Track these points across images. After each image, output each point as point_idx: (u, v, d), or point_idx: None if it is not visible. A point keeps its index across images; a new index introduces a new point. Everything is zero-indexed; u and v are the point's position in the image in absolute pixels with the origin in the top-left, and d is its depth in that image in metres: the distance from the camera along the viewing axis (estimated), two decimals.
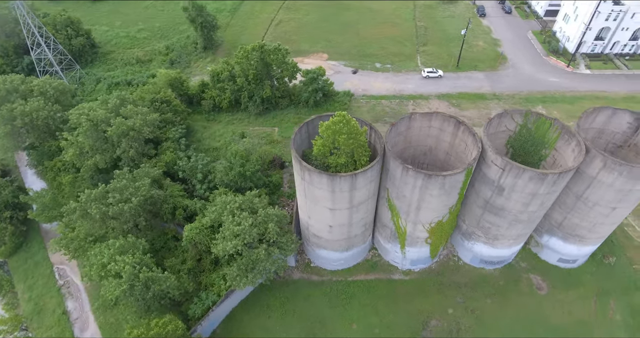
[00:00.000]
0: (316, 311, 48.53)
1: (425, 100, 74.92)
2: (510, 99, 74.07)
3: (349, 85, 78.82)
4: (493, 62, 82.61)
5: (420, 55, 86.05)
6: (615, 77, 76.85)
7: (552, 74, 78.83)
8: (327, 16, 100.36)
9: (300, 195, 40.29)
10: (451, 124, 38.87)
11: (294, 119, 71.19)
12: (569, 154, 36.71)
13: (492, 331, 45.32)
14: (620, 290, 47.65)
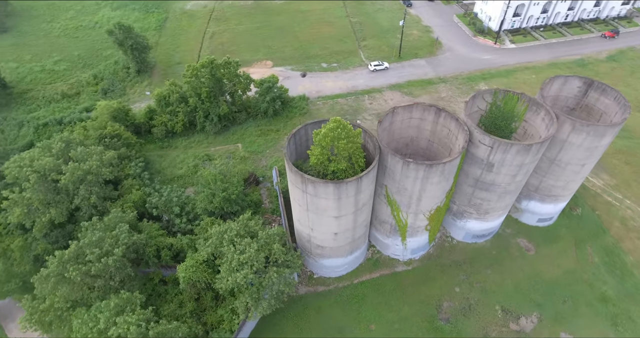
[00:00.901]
0: (331, 321, 47.48)
1: (379, 92, 76.87)
2: (454, 80, 78.71)
3: (301, 89, 78.29)
4: (430, 48, 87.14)
5: (363, 50, 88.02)
6: (536, 48, 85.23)
7: (484, 52, 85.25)
8: (259, 23, 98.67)
9: (301, 208, 38.93)
10: (431, 113, 40.07)
11: (256, 132, 69.04)
12: (539, 123, 39.76)
13: (499, 297, 47.78)
14: (591, 235, 52.93)
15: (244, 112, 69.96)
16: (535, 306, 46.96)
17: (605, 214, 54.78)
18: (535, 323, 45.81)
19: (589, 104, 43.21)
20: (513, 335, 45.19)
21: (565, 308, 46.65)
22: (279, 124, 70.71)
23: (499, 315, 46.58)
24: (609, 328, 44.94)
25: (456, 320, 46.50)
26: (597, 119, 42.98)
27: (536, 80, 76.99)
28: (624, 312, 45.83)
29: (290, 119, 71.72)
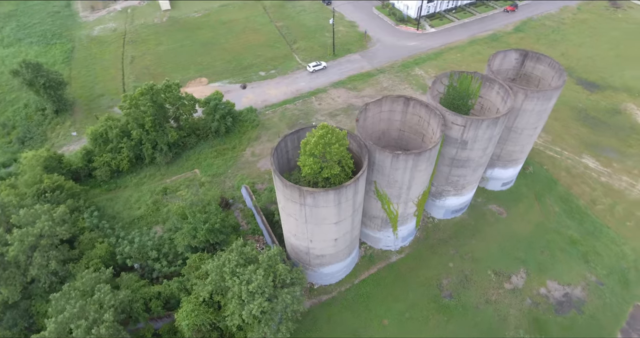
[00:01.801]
0: (344, 326, 46.81)
1: (324, 92, 77.34)
2: (391, 69, 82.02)
3: (246, 101, 75.97)
4: (361, 42, 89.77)
5: (296, 53, 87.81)
6: (454, 29, 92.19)
7: (409, 39, 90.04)
8: (181, 40, 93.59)
9: (298, 222, 37.57)
10: (400, 103, 41.15)
11: (212, 154, 65.50)
12: (494, 96, 42.96)
13: (488, 263, 50.88)
14: (546, 188, 58.77)
15: (193, 136, 65.88)
16: (521, 262, 50.88)
17: (552, 167, 61.17)
18: (525, 278, 49.65)
19: (526, 73, 47.77)
20: (509, 294, 48.48)
21: (545, 258, 51.22)
22: (233, 140, 67.89)
23: (493, 279, 49.66)
24: (582, 266, 50.29)
25: (458, 294, 48.60)
26: (536, 85, 47.70)
27: (462, 58, 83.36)
28: (590, 249, 51.61)
29: (243, 134, 69.20)
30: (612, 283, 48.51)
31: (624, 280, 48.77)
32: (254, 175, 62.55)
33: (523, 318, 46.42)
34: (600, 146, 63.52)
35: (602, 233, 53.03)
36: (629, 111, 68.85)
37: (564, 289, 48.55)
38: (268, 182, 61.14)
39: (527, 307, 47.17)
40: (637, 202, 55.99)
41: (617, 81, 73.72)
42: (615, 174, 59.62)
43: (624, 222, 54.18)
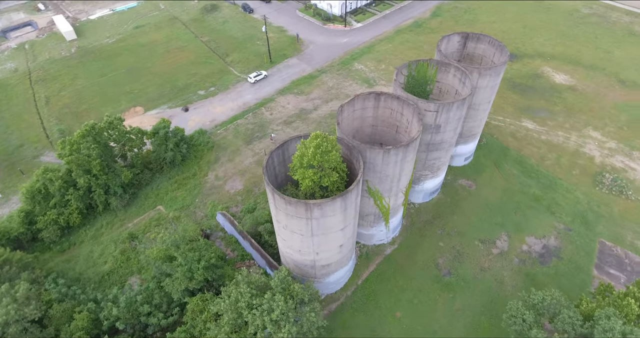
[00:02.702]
0: (361, 329, 46.46)
1: (272, 101, 75.85)
2: (331, 68, 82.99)
3: (192, 124, 71.71)
4: (294, 45, 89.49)
5: (232, 66, 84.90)
6: (378, 21, 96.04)
7: (340, 37, 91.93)
8: (101, 70, 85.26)
9: (303, 238, 36.23)
10: (371, 100, 41.65)
11: (172, 186, 60.84)
12: (451, 79, 45.50)
13: (473, 234, 53.87)
14: (502, 155, 63.85)
15: (146, 171, 60.45)
16: (500, 227, 54.74)
17: (500, 135, 66.69)
18: (507, 241, 53.54)
19: (469, 53, 51.36)
20: (498, 258, 51.92)
21: (518, 218, 55.67)
22: (192, 168, 63.71)
23: (481, 248, 52.81)
24: (550, 218, 55.58)
25: (455, 269, 50.83)
26: (480, 63, 51.48)
27: (393, 48, 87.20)
28: (552, 201, 57.23)
29: (200, 159, 65.22)
30: (577, 227, 54.28)
31: (585, 221, 54.88)
32: (224, 199, 59.26)
33: (516, 277, 49.97)
34: (532, 109, 70.74)
35: (556, 185, 59.10)
36: (546, 74, 77.59)
37: (541, 242, 53.25)
38: (242, 203, 58.38)
39: (516, 265, 50.90)
40: (576, 152, 63.35)
41: (530, 49, 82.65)
42: (552, 131, 66.82)
43: (570, 171, 60.98)
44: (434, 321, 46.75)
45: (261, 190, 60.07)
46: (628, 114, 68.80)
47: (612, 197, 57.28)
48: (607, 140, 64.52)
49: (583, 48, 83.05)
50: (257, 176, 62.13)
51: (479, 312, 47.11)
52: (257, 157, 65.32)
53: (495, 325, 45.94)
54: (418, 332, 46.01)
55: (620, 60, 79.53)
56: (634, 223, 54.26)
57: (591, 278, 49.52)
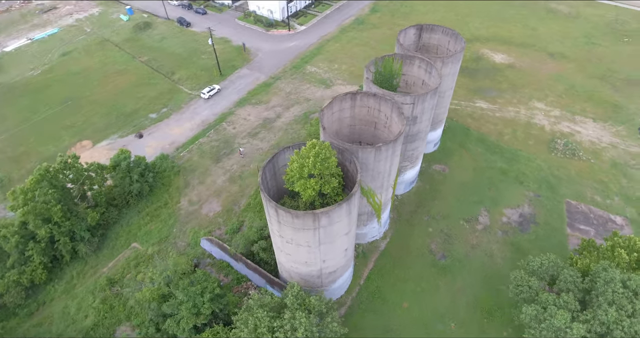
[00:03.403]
0: (373, 328, 46.46)
1: (232, 115, 73.46)
2: (285, 73, 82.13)
3: (150, 150, 67.24)
4: (242, 55, 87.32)
5: (181, 84, 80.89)
6: (320, 22, 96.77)
7: (287, 41, 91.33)
8: (32, 107, 77.08)
9: (310, 249, 35.29)
10: (348, 100, 41.65)
11: (144, 220, 56.82)
12: (416, 70, 46.94)
13: (456, 215, 56.01)
14: (464, 137, 67.16)
15: (111, 208, 55.57)
16: (479, 204, 57.54)
17: (459, 118, 70.22)
18: (488, 216, 56.50)
19: (425, 44, 53.39)
20: (483, 234, 54.47)
21: (492, 193, 58.86)
22: (162, 196, 59.76)
23: (467, 227, 55.17)
24: (520, 188, 59.44)
25: (448, 252, 52.59)
26: (436, 52, 53.71)
27: (342, 46, 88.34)
28: (518, 172, 61.28)
29: (169, 186, 61.37)
30: (544, 192, 58.65)
31: (550, 186, 59.49)
32: (205, 224, 56.24)
33: (503, 248, 52.85)
34: (482, 89, 75.41)
35: (518, 156, 63.43)
36: (486, 56, 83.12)
37: (517, 211, 56.86)
38: (225, 225, 55.76)
39: (501, 237, 53.87)
40: (527, 124, 68.49)
41: (467, 34, 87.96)
42: (503, 108, 71.71)
43: (527, 142, 65.82)
44: (439, 304, 47.99)
45: (242, 208, 57.85)
46: (562, 83, 75.85)
47: (567, 160, 62.72)
48: (551, 109, 70.62)
49: (513, 28, 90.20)
50: (234, 194, 59.75)
51: (478, 287, 49.16)
52: (229, 174, 62.83)
53: (494, 297, 48.19)
54: (427, 318, 46.97)
55: (545, 36, 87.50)
56: (590, 180, 59.86)
57: (566, 236, 53.76)
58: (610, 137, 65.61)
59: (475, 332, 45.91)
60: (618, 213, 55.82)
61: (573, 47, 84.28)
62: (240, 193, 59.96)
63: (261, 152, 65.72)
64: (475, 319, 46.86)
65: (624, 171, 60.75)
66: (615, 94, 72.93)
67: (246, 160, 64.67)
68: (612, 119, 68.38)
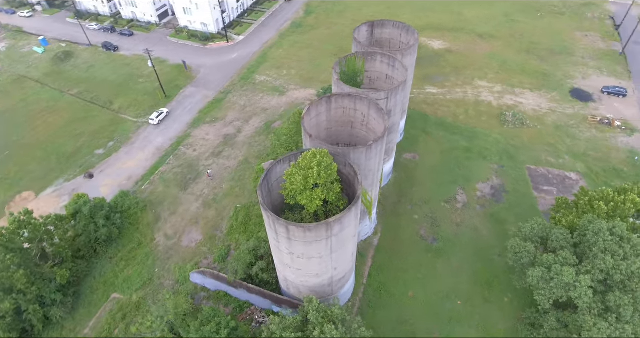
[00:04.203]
0: (387, 323, 46.55)
1: (189, 137, 69.70)
2: (234, 86, 79.61)
3: (106, 190, 61.56)
4: (184, 74, 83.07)
5: (123, 114, 75.04)
6: (258, 30, 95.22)
7: (228, 53, 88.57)
8: None
9: (322, 260, 34.32)
10: (323, 104, 41.17)
11: (119, 266, 52.11)
12: (379, 66, 47.81)
13: (437, 197, 58.03)
14: (424, 122, 69.97)
15: (78, 261, 49.81)
16: (453, 184, 60.16)
17: (416, 105, 72.97)
18: (464, 193, 59.28)
19: (377, 39, 54.64)
20: (464, 211, 56.92)
21: (463, 171, 61.75)
22: (133, 236, 55.02)
23: (448, 207, 57.50)
24: (485, 162, 63.05)
25: (437, 235, 54.30)
26: (389, 46, 55.19)
27: (286, 52, 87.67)
28: (480, 148, 65.09)
29: (138, 224, 56.64)
30: (506, 162, 62.96)
31: (509, 156, 64.02)
32: (189, 256, 52.58)
33: (484, 221, 55.79)
34: (430, 76, 79.16)
35: (476, 134, 67.48)
36: (425, 43, 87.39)
37: (488, 184, 60.44)
38: (211, 253, 52.57)
39: (480, 211, 56.90)
40: (476, 102, 73.16)
41: None
42: (452, 90, 75.90)
43: (480, 118, 70.30)
44: (442, 286, 49.38)
45: (225, 232, 54.97)
46: (496, 60, 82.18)
47: (518, 130, 68.00)
48: (493, 85, 76.17)
49: (442, 16, 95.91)
50: (212, 220, 56.59)
51: (473, 261, 51.36)
52: (202, 199, 59.39)
53: (489, 268, 50.64)
54: (434, 301, 48.10)
55: (471, 19, 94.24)
56: (541, 145, 65.44)
57: (535, 199, 58.19)
58: (547, 103, 72.36)
59: (480, 303, 47.90)
60: (571, 170, 61.66)
61: (497, 26, 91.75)
62: (219, 217, 56.93)
63: (230, 171, 62.98)
64: (477, 291, 48.92)
65: (566, 132, 67.32)
66: (542, 64, 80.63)
67: (216, 182, 61.56)
68: (545, 87, 75.48)
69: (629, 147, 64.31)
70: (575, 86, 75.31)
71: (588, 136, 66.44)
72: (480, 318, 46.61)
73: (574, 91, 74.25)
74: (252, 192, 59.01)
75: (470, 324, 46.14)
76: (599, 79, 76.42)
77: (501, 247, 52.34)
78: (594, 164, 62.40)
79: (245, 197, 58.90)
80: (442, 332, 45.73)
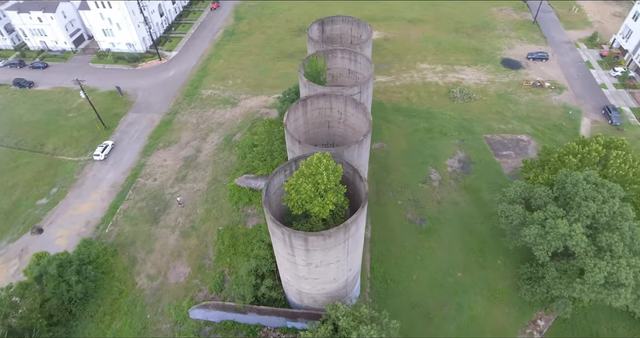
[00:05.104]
0: (401, 309, 46.97)
1: (144, 167, 64.42)
2: (183, 104, 75.05)
3: (64, 242, 55.04)
4: (120, 100, 76.35)
5: (60, 155, 67.09)
6: (190, 43, 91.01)
7: (164, 71, 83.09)
8: None
9: (339, 263, 33.54)
10: (299, 107, 40.14)
11: (105, 321, 47.45)
12: (340, 61, 47.81)
13: (413, 179, 59.67)
14: (382, 110, 71.37)
15: (55, 328, 43.62)
16: (425, 164, 62.20)
17: None
18: (436, 171, 61.67)
19: (329, 35, 54.59)
20: (441, 187, 59.37)
21: (431, 151, 63.55)
22: (110, 286, 49.71)
23: (426, 187, 59.36)
24: (446, 139, 66.22)
25: (424, 215, 55.79)
26: (340, 41, 55.41)
27: (226, 61, 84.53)
28: (439, 126, 68.14)
29: (113, 271, 51.31)
30: (465, 136, 66.71)
31: (466, 129, 67.94)
32: (181, 293, 48.65)
33: (461, 193, 58.43)
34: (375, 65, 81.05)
35: (432, 113, 70.74)
36: None
37: (455, 159, 63.61)
38: (204, 284, 49.09)
39: (455, 185, 59.74)
40: (424, 84, 76.59)
41: None
42: (399, 76, 78.67)
43: (431, 99, 73.80)
44: (442, 262, 51.09)
45: (213, 258, 51.64)
46: (431, 42, 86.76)
47: (467, 104, 72.52)
48: (435, 66, 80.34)
49: (371, 7, 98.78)
50: (196, 248, 52.89)
51: (463, 233, 53.68)
52: (178, 229, 55.21)
53: (477, 236, 53.20)
54: (437, 278, 49.61)
55: (399, 8, 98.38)
56: (490, 114, 70.45)
57: (498, 164, 62.47)
58: (485, 75, 78.08)
59: (477, 270, 50.35)
60: (521, 132, 67.18)
61: (423, 11, 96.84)
62: (202, 244, 53.33)
63: (202, 194, 59.25)
64: (472, 260, 51.34)
65: (508, 99, 73.23)
66: (471, 40, 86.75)
67: (189, 208, 57.57)
68: (480, 61, 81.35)
69: (562, 104, 71.77)
70: (504, 56, 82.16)
71: (527, 100, 72.88)
72: (481, 283, 49.06)
73: (504, 61, 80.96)
74: (232, 211, 56.17)
75: (475, 291, 48.40)
76: (522, 47, 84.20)
77: (481, 215, 55.64)
78: (538, 123, 68.65)
79: (225, 218, 55.79)
80: (452, 304, 47.42)
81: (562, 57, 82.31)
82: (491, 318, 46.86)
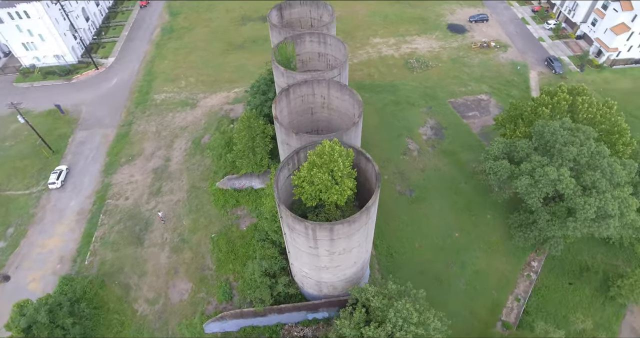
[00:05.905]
0: (413, 279, 48.23)
1: (110, 186, 59.29)
2: (136, 113, 69.30)
3: (37, 286, 49.70)
4: (63, 119, 68.74)
5: (6, 190, 59.46)
6: (126, 46, 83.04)
7: (106, 81, 75.77)
8: None
9: (360, 247, 33.54)
10: (283, 98, 38.59)
11: None
12: (309, 46, 46.30)
13: (393, 151, 60.36)
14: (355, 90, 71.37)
15: None
16: (401, 136, 62.87)
17: None
18: (414, 141, 62.95)
19: (288, 20, 52.44)
20: (421, 156, 60.88)
21: (404, 123, 64.53)
22: (108, 319, 45.98)
23: (407, 159, 60.51)
24: (415, 108, 67.83)
25: (412, 185, 56.67)
26: (300, 25, 53.60)
27: (173, 61, 78.83)
28: (405, 97, 69.38)
29: (107, 303, 47.28)
30: (431, 103, 68.61)
31: (431, 97, 69.97)
32: (188, 310, 46.24)
33: (440, 158, 60.53)
34: None
35: (396, 86, 71.76)
36: None
37: (427, 127, 65.45)
38: (211, 295, 46.98)
39: (433, 151, 61.59)
40: (381, 58, 77.21)
41: None
42: (355, 53, 78.43)
43: (392, 71, 74.67)
44: (437, 226, 52.91)
45: (213, 267, 49.42)
46: (378, 16, 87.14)
47: (425, 72, 74.44)
48: (387, 39, 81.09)
49: None
50: (192, 261, 50.21)
51: (450, 195, 55.88)
52: (167, 246, 51.92)
53: (463, 195, 55.66)
54: (438, 241, 51.45)
55: None
56: (449, 79, 73.00)
57: (467, 126, 65.39)
58: (436, 42, 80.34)
59: (471, 228, 52.94)
60: (480, 92, 70.57)
61: None
62: (198, 255, 50.71)
63: (183, 204, 55.91)
64: (465, 218, 53.83)
65: (461, 62, 76.20)
66: (415, 10, 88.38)
67: (173, 221, 54.21)
68: (428, 29, 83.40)
69: (509, 61, 76.14)
70: (449, 22, 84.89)
71: (478, 61, 76.33)
72: (477, 239, 51.81)
73: (450, 26, 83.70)
74: (221, 216, 53.77)
75: (474, 247, 51.08)
76: (463, 11, 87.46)
77: (462, 175, 58.28)
78: (493, 82, 72.43)
79: (215, 225, 53.31)
80: (456, 263, 49.71)
81: (500, 17, 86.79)
82: (492, 269, 49.90)
